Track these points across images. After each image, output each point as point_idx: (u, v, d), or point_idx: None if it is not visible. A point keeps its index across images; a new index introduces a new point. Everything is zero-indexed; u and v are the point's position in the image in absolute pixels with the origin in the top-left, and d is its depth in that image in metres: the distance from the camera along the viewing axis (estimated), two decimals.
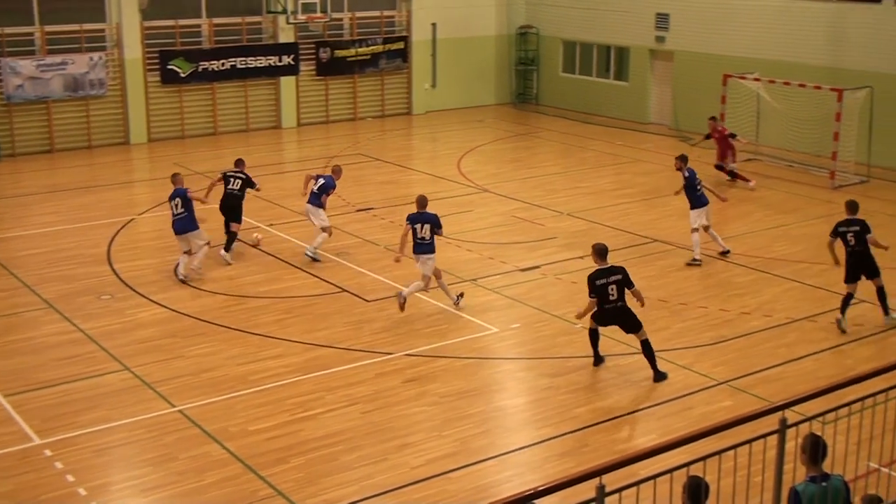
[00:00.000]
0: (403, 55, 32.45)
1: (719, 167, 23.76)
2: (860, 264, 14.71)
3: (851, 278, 14.80)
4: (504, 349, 14.57)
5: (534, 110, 33.82)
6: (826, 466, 7.22)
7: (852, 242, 14.69)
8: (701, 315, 15.64)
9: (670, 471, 6.23)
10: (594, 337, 13.58)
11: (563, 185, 23.62)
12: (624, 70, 32.14)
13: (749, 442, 6.49)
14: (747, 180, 23.31)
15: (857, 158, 24.08)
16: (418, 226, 15.26)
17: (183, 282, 16.80)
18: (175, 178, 17.38)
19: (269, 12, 30.13)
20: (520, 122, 32.03)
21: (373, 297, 16.40)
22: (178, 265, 17.17)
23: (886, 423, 7.54)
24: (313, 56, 30.86)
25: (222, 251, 17.97)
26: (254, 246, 18.68)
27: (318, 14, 30.15)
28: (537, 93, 34.81)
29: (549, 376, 13.53)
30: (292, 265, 17.94)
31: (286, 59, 30.20)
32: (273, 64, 29.98)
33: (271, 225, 20.22)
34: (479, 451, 11.50)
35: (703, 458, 6.34)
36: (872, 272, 14.80)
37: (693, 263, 17.87)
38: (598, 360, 13.70)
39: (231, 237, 18.13)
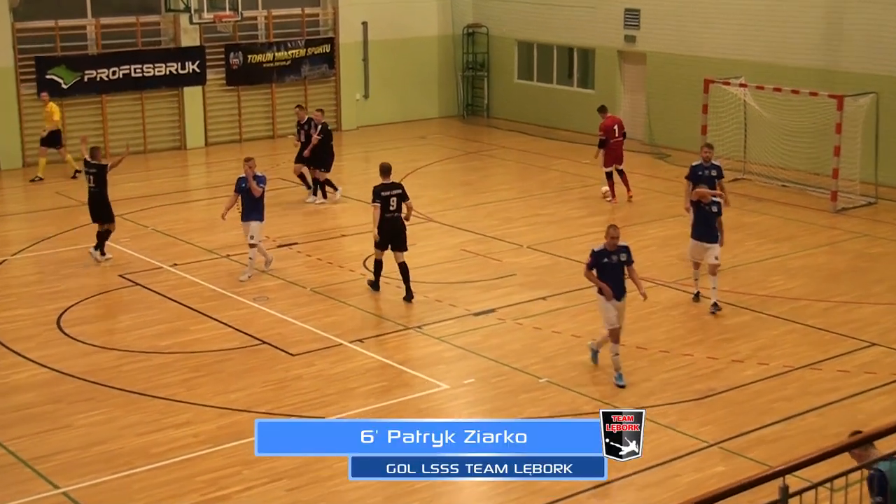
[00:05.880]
0: (330, 60, 32.51)
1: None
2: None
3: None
4: (456, 409, 14.55)
5: (485, 124, 34.03)
6: None
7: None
8: (686, 364, 15.76)
9: None
10: (379, 267, 18.23)
11: (521, 212, 23.73)
12: (589, 76, 32.49)
13: None
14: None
15: (861, 177, 24.47)
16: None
17: None
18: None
19: (168, 10, 30.04)
20: (469, 138, 32.20)
21: (298, 349, 16.31)
22: None
23: None
24: (222, 62, 30.82)
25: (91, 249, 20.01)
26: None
27: (228, 12, 30.12)
28: (489, 103, 35.05)
29: None
30: (201, 313, 17.79)
31: (190, 66, 30.12)
32: (175, 72, 29.86)
33: (174, 265, 20.06)
34: None
35: None
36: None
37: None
38: (377, 286, 18.39)
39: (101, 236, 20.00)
